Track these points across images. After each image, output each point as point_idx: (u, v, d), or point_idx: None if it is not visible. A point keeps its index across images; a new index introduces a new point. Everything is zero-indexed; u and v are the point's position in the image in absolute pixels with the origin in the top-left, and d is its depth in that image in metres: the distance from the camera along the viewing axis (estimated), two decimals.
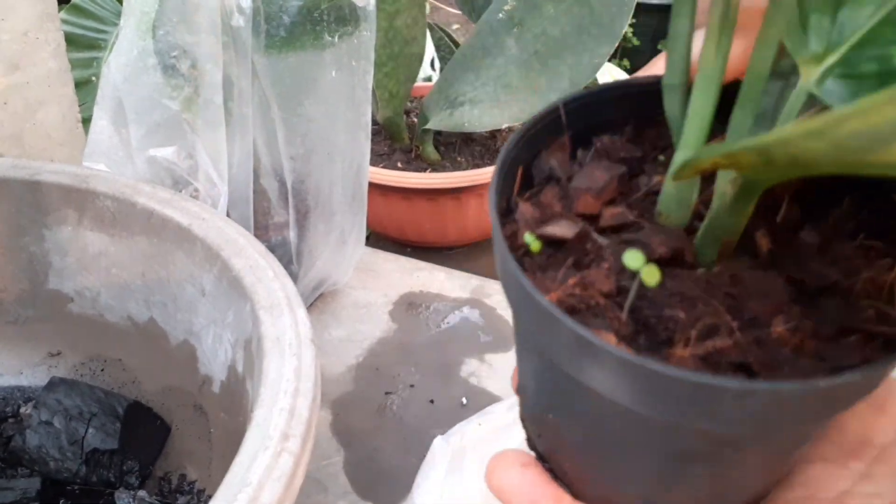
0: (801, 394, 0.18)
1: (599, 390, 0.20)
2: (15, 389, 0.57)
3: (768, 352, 0.19)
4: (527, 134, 0.24)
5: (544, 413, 0.25)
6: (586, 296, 0.21)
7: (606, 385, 0.19)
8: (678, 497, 0.23)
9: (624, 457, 0.23)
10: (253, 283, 0.44)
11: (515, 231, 0.23)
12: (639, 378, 0.18)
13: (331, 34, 0.56)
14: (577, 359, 0.19)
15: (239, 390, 0.45)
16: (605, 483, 0.24)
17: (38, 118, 0.64)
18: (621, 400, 0.19)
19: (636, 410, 0.19)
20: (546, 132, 0.25)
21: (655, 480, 0.23)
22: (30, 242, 0.55)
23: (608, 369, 0.19)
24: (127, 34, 0.55)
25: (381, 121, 1.06)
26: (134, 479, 0.52)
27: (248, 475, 0.32)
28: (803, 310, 0.20)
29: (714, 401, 0.18)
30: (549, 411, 0.24)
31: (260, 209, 0.62)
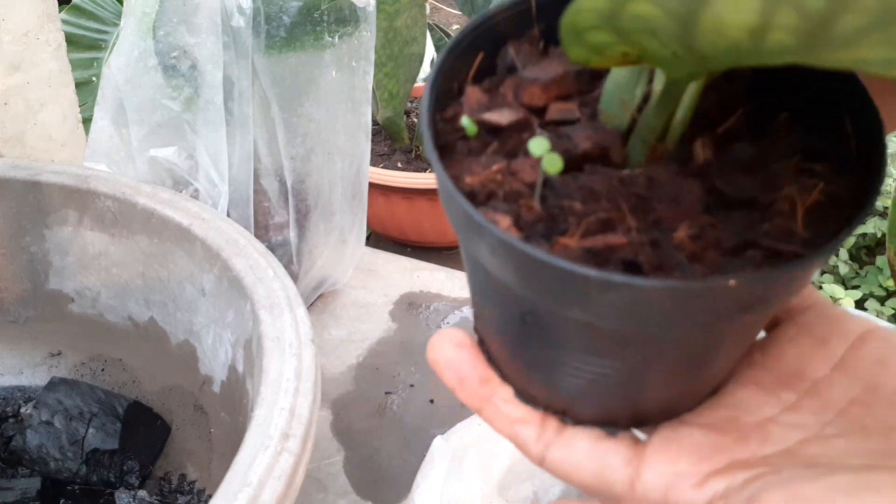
0: (660, 291, 0.18)
1: (493, 272, 0.20)
2: (15, 389, 0.57)
3: (662, 255, 0.19)
4: (493, 19, 0.23)
5: (474, 295, 0.25)
6: (507, 182, 0.21)
7: (496, 267, 0.20)
8: (585, 390, 0.23)
9: (524, 343, 0.23)
10: (253, 283, 0.44)
11: (458, 114, 0.23)
12: (515, 260, 0.19)
13: (331, 34, 0.57)
14: (472, 239, 0.20)
15: (239, 390, 0.45)
16: (517, 367, 0.25)
17: (39, 119, 0.64)
18: (508, 282, 0.20)
19: (522, 294, 0.20)
20: (517, 22, 0.24)
21: (556, 369, 0.23)
22: (30, 242, 0.55)
23: (493, 251, 0.19)
24: (127, 35, 0.55)
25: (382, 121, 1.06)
26: (134, 479, 0.52)
27: (249, 475, 0.32)
28: (713, 220, 0.20)
29: (581, 290, 0.18)
30: (475, 293, 0.25)
31: (260, 209, 0.62)
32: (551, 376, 0.23)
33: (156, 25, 0.54)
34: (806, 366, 0.24)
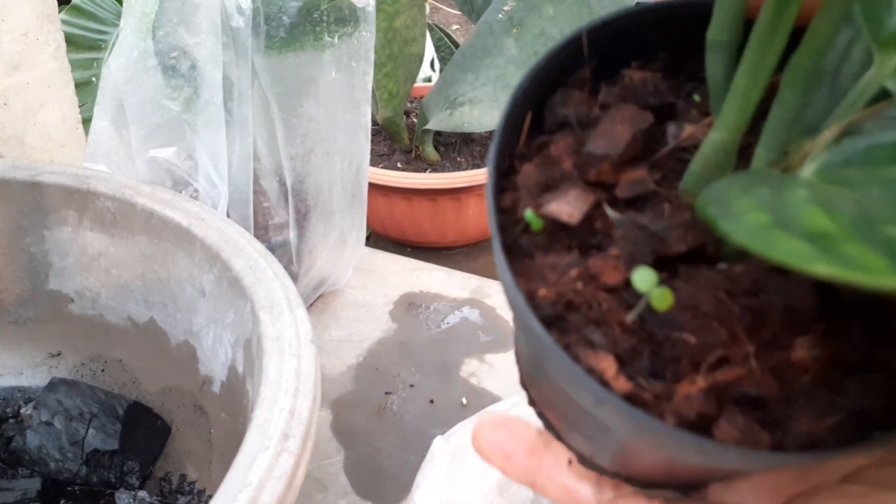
0: (789, 463, 0.16)
1: (589, 410, 0.18)
2: (15, 390, 0.57)
3: (784, 382, 0.17)
4: (541, 71, 0.20)
5: (531, 377, 0.23)
6: (588, 292, 0.18)
7: (598, 413, 0.17)
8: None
9: (597, 440, 0.21)
10: (253, 284, 0.44)
11: (517, 202, 0.19)
12: (627, 420, 0.17)
13: (330, 35, 0.56)
14: (567, 383, 0.17)
15: (239, 390, 0.45)
16: (576, 438, 0.23)
17: (38, 119, 0.64)
18: (607, 423, 0.18)
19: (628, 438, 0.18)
20: (565, 68, 0.20)
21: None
22: (30, 243, 0.55)
23: (598, 402, 0.17)
24: (127, 35, 0.55)
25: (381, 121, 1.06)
26: (134, 480, 0.52)
27: (249, 475, 0.32)
28: (829, 327, 0.17)
29: (709, 458, 0.17)
30: (533, 377, 0.23)
31: (260, 209, 0.62)
32: (615, 453, 0.21)
33: (155, 26, 0.54)
34: None
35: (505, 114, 0.19)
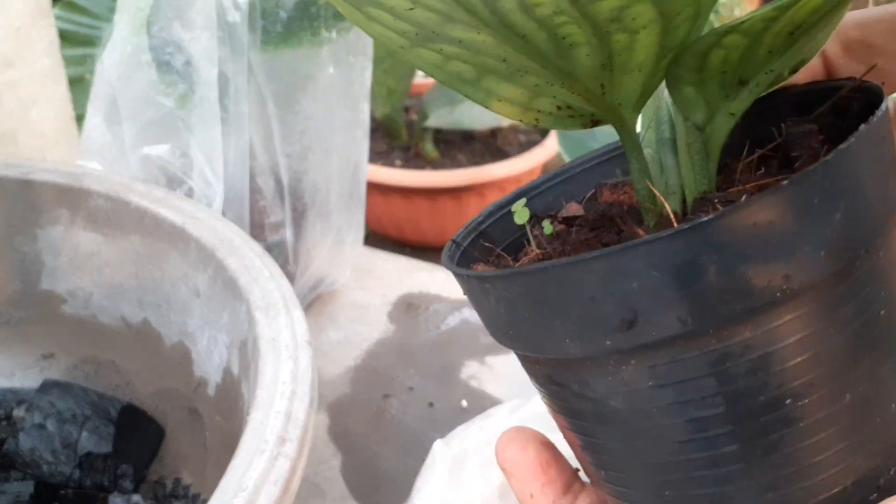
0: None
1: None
2: (7, 392, 0.57)
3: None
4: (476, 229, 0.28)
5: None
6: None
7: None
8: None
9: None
10: (248, 284, 0.43)
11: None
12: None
13: (328, 30, 0.56)
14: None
15: (234, 393, 0.45)
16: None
17: (31, 116, 0.64)
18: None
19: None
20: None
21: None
22: (22, 242, 0.54)
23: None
24: (121, 30, 0.54)
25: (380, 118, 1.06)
26: (128, 483, 0.51)
27: (244, 479, 0.32)
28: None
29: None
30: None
31: (256, 208, 0.62)
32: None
33: (150, 21, 0.54)
34: None
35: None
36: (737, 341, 0.20)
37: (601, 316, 0.20)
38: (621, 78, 0.23)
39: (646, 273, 0.19)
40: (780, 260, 0.19)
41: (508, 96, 0.25)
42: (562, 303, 0.21)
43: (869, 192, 0.21)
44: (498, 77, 0.24)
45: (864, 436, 0.22)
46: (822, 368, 0.21)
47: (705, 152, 0.24)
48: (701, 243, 0.19)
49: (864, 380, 0.21)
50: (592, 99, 0.24)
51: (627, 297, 0.20)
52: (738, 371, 0.20)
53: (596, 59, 0.22)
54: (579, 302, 0.21)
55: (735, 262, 0.19)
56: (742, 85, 0.23)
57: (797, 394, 0.21)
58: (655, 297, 0.20)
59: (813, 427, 0.21)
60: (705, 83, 0.23)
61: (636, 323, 0.20)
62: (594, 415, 0.23)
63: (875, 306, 0.22)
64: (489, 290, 0.23)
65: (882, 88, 0.23)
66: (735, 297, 0.19)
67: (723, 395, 0.21)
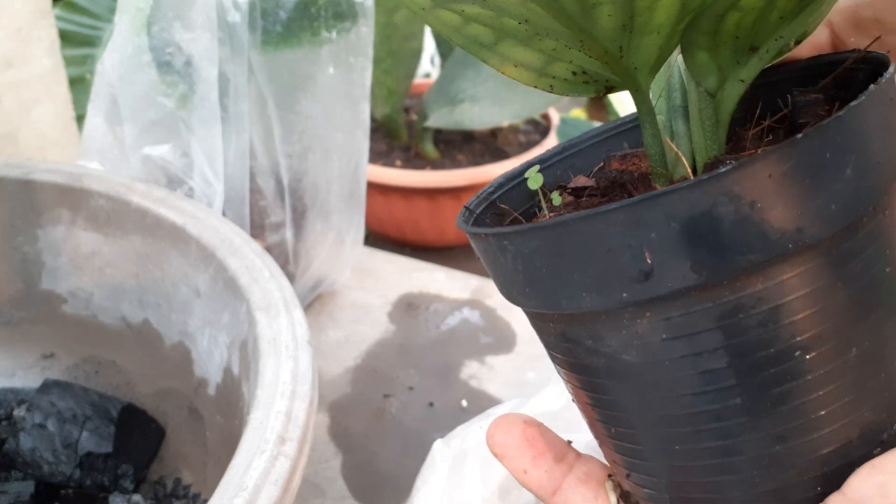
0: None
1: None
2: (8, 391, 0.57)
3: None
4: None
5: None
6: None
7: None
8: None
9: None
10: (249, 284, 0.43)
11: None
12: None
13: (328, 30, 0.56)
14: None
15: (235, 393, 0.45)
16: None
17: (32, 116, 0.64)
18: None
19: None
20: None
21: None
22: (23, 242, 0.54)
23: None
24: (121, 31, 0.54)
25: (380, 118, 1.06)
26: (128, 483, 0.51)
27: (245, 479, 0.32)
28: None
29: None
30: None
31: (256, 208, 0.62)
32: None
33: (150, 21, 0.54)
34: None
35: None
36: (749, 293, 0.21)
37: (618, 267, 0.21)
38: (640, 40, 0.23)
39: (664, 224, 0.20)
40: (793, 212, 0.20)
41: (525, 61, 0.25)
42: (580, 255, 0.21)
43: (877, 151, 0.21)
44: (515, 41, 0.24)
45: (869, 390, 0.22)
46: (830, 322, 0.21)
47: (716, 119, 0.25)
48: (718, 194, 0.19)
49: (869, 335, 0.22)
50: (610, 62, 0.24)
51: (645, 247, 0.20)
52: (750, 323, 0.21)
53: (618, 20, 0.22)
54: (597, 254, 0.21)
55: (750, 213, 0.20)
56: (752, 52, 0.24)
57: (806, 346, 0.21)
58: (672, 248, 0.20)
59: (820, 380, 0.22)
60: (718, 48, 0.23)
61: (652, 274, 0.21)
62: (606, 370, 0.23)
63: (881, 263, 0.22)
64: (507, 247, 0.23)
65: (888, 56, 0.24)
66: (749, 248, 0.20)
67: (734, 347, 0.21)
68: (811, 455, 0.22)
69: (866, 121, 0.21)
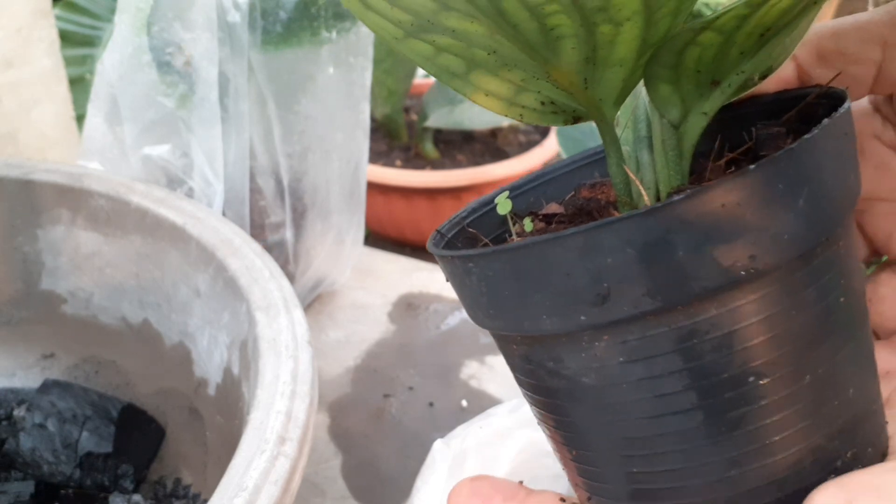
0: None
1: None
2: (8, 392, 0.57)
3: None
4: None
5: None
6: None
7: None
8: None
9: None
10: (249, 284, 0.43)
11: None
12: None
13: (328, 30, 0.56)
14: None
15: (234, 393, 0.45)
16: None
17: (32, 116, 0.64)
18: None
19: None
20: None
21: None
22: (23, 242, 0.54)
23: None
24: (121, 31, 0.54)
25: (380, 118, 1.06)
26: (128, 483, 0.51)
27: (245, 479, 0.32)
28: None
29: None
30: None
31: (256, 208, 0.62)
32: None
33: (150, 21, 0.54)
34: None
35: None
36: (703, 318, 0.21)
37: (576, 291, 0.21)
38: (603, 73, 0.24)
39: (619, 249, 0.20)
40: (745, 240, 0.20)
41: (495, 91, 0.26)
42: (540, 278, 0.22)
43: (830, 183, 0.22)
44: (485, 71, 0.25)
45: (822, 417, 0.23)
46: (785, 349, 0.22)
47: (679, 150, 0.26)
48: (672, 221, 0.20)
49: (823, 362, 0.22)
50: (576, 93, 0.24)
51: (601, 272, 0.21)
52: (705, 348, 0.21)
53: (581, 53, 0.23)
54: (556, 277, 0.21)
55: (703, 241, 0.20)
56: (715, 85, 0.24)
57: (760, 372, 0.22)
58: (627, 273, 0.21)
59: (775, 405, 0.22)
60: (680, 81, 0.24)
61: (609, 298, 0.21)
62: (567, 392, 0.24)
63: (835, 293, 0.23)
64: (472, 269, 0.23)
65: (846, 91, 0.24)
66: (702, 275, 0.20)
67: (689, 372, 0.22)
68: (766, 480, 0.22)
69: (820, 153, 0.21)
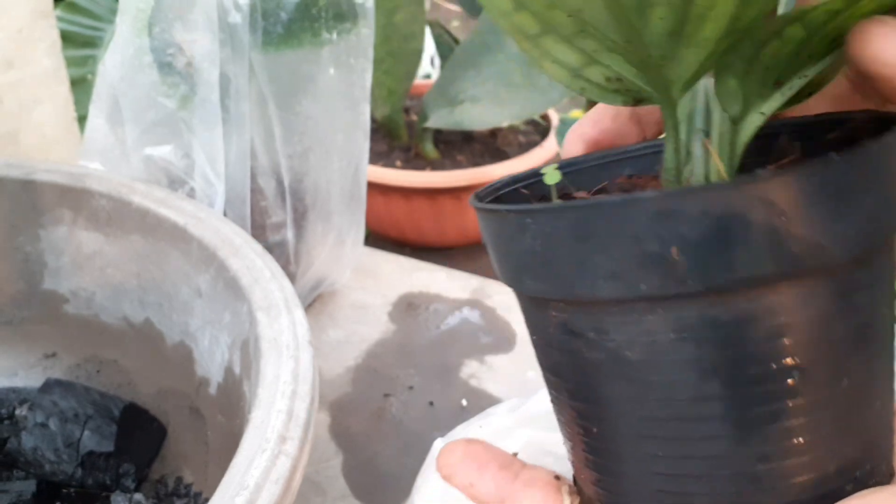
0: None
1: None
2: (10, 391, 0.57)
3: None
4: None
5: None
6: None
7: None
8: None
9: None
10: (250, 284, 0.43)
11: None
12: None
13: (329, 31, 0.56)
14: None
15: (236, 392, 0.45)
16: None
17: (33, 117, 0.64)
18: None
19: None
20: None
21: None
22: (25, 242, 0.54)
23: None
24: (123, 32, 0.54)
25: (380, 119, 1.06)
26: (130, 482, 0.52)
27: (246, 478, 0.32)
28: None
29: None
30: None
31: (257, 208, 0.62)
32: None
33: (151, 22, 0.54)
34: None
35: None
36: (763, 304, 0.21)
37: (642, 257, 0.21)
38: (684, 51, 0.23)
39: (698, 220, 0.20)
40: (817, 229, 0.20)
41: (563, 59, 0.25)
42: (605, 240, 0.21)
43: (892, 188, 0.22)
44: (558, 37, 0.24)
45: (852, 424, 0.22)
46: (830, 348, 0.22)
47: (733, 148, 0.25)
48: (755, 197, 0.20)
49: (861, 369, 0.22)
50: (649, 70, 0.24)
51: (672, 241, 0.20)
52: (758, 336, 0.21)
53: (668, 24, 0.22)
54: (623, 241, 0.21)
55: (779, 223, 0.20)
56: (777, 86, 0.24)
57: (804, 368, 0.21)
58: (701, 246, 0.20)
59: (811, 404, 0.22)
60: (748, 76, 0.24)
61: (675, 269, 0.20)
62: (605, 366, 0.23)
63: (882, 301, 0.23)
64: (528, 226, 0.22)
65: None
66: (773, 258, 0.20)
67: (738, 358, 0.21)
68: (789, 480, 0.22)
69: (890, 156, 0.21)
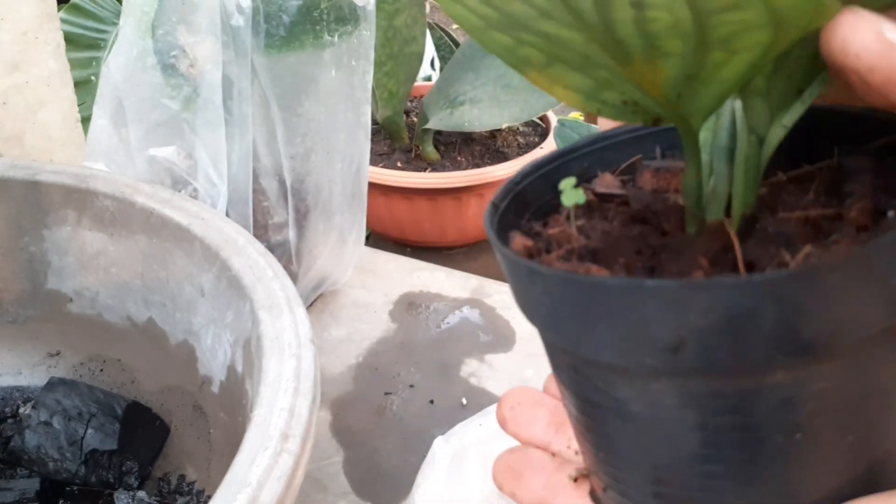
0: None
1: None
2: (14, 390, 0.57)
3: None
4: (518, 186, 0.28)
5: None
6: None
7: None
8: None
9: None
10: (252, 283, 0.43)
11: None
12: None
13: (330, 33, 0.56)
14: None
15: (238, 390, 0.45)
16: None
17: (38, 118, 0.64)
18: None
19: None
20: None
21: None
22: (29, 242, 0.55)
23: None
24: (126, 34, 0.55)
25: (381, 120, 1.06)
26: (133, 480, 0.52)
27: (248, 475, 0.32)
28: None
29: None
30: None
31: (259, 209, 0.62)
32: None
33: (155, 24, 0.54)
34: None
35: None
36: (772, 381, 0.21)
37: (648, 336, 0.21)
38: (701, 89, 0.22)
39: (705, 310, 0.20)
40: (836, 317, 0.20)
41: (575, 85, 0.24)
42: (611, 316, 0.21)
43: None
44: (568, 66, 0.23)
45: (851, 471, 0.23)
46: (842, 415, 0.22)
47: (757, 166, 0.25)
48: (767, 295, 0.19)
49: (867, 427, 0.22)
50: (664, 104, 0.23)
51: (679, 326, 0.20)
52: (767, 407, 0.21)
53: (682, 71, 0.21)
54: (629, 319, 0.21)
55: (794, 317, 0.20)
56: (798, 94, 0.23)
57: (811, 431, 0.21)
58: (707, 334, 0.20)
59: (813, 461, 0.22)
60: (771, 92, 0.23)
61: (680, 351, 0.20)
62: (611, 410, 0.24)
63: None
64: (536, 281, 0.22)
65: None
66: (784, 346, 0.20)
67: (743, 424, 0.21)
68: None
69: None
